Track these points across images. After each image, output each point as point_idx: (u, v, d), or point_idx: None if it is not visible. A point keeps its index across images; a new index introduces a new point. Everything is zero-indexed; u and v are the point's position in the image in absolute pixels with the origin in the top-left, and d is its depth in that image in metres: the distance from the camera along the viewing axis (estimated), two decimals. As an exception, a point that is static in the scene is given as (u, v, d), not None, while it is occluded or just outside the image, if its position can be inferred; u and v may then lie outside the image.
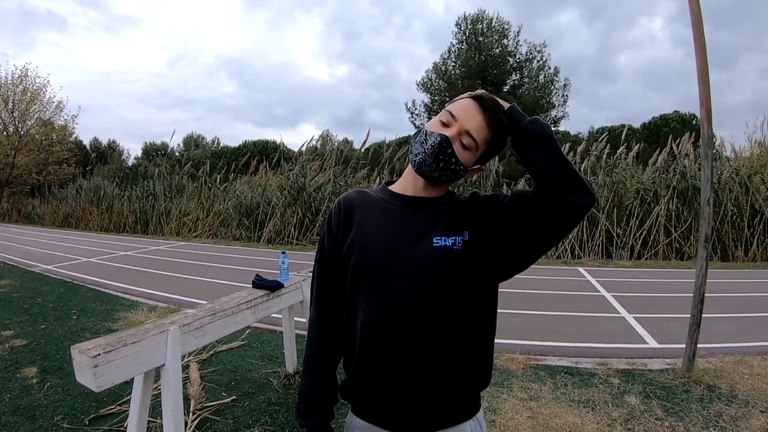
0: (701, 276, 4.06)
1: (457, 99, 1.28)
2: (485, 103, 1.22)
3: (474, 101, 1.22)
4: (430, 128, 1.22)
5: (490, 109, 1.21)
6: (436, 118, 1.25)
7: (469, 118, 1.20)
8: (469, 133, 1.19)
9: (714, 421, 3.27)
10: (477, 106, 1.21)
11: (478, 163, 1.27)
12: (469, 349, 1.23)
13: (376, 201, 1.32)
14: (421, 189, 1.28)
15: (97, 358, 1.96)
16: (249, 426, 3.20)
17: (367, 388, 1.25)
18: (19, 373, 4.03)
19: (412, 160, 1.24)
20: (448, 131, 1.20)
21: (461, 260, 1.20)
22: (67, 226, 22.52)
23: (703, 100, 4.02)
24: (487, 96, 1.24)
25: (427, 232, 1.22)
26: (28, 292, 7.26)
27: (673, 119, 30.28)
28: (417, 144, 1.22)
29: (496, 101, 1.24)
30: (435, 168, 1.20)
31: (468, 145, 1.20)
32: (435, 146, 1.18)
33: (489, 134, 1.22)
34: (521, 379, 4.03)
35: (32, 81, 27.31)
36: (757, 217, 12.04)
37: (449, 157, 1.19)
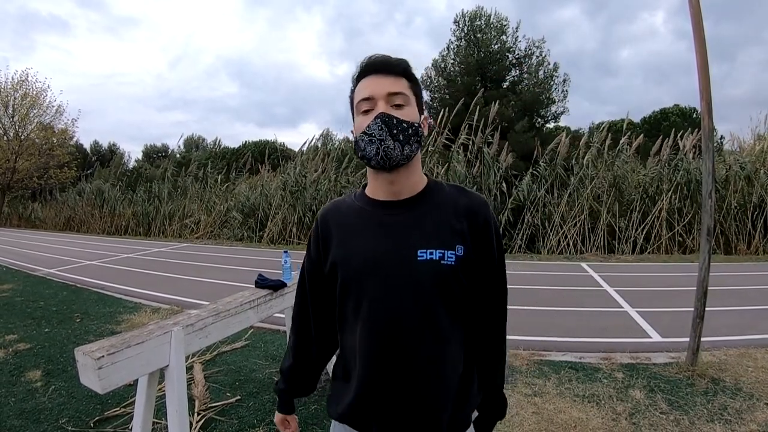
0: (704, 269, 4.06)
1: (353, 89, 1.24)
2: (374, 66, 1.19)
3: (366, 76, 1.20)
4: (362, 126, 1.17)
5: (383, 65, 1.19)
6: (358, 119, 1.20)
7: (379, 85, 1.16)
8: (391, 93, 1.16)
9: (719, 414, 3.27)
10: (374, 75, 1.18)
11: (420, 113, 1.22)
12: (458, 366, 1.23)
13: (353, 211, 1.26)
14: (397, 187, 1.22)
15: (101, 360, 1.96)
16: (254, 426, 3.20)
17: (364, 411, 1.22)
18: (24, 377, 4.03)
19: (377, 162, 1.16)
20: (378, 109, 1.15)
21: (451, 276, 1.17)
22: (68, 229, 22.56)
23: (703, 93, 4.00)
24: (370, 61, 1.20)
25: (409, 243, 1.17)
26: (30, 296, 7.27)
27: (674, 113, 30.20)
28: (367, 146, 1.15)
29: (377, 58, 1.21)
30: (401, 146, 1.14)
31: (401, 102, 1.17)
32: (383, 128, 1.12)
33: (404, 80, 1.19)
34: (525, 374, 4.02)
35: (32, 86, 27.33)
36: (758, 210, 12.03)
37: (399, 124, 1.14)
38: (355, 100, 1.21)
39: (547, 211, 13.30)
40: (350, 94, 1.26)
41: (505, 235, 13.26)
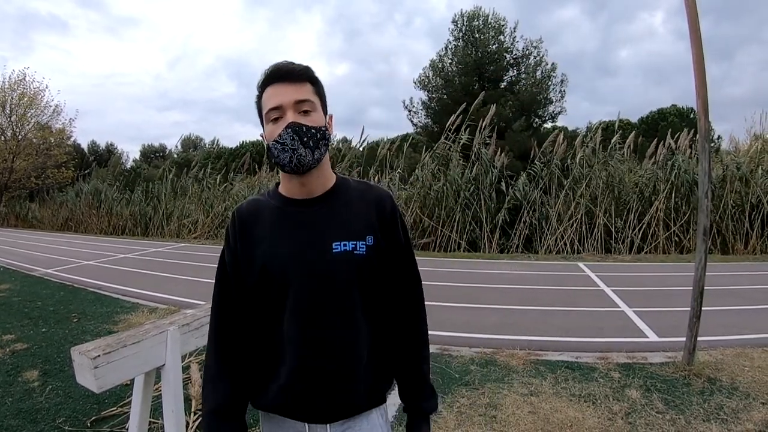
0: (700, 269, 4.07)
1: (260, 97, 1.29)
2: (278, 74, 1.23)
3: (271, 84, 1.24)
4: (274, 134, 1.21)
5: (287, 73, 1.23)
6: (268, 127, 1.25)
7: (285, 93, 1.21)
8: (298, 101, 1.21)
9: (715, 414, 3.28)
10: (279, 84, 1.23)
11: (325, 114, 1.30)
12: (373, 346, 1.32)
13: (270, 210, 1.32)
14: (309, 187, 1.29)
15: (97, 359, 1.96)
16: (251, 425, 3.18)
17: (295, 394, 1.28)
18: (21, 377, 4.03)
19: (290, 169, 1.22)
20: (287, 118, 1.20)
21: (364, 265, 1.27)
22: (66, 229, 22.52)
23: (699, 93, 4.02)
24: (274, 69, 1.24)
25: (324, 237, 1.25)
26: (28, 296, 7.27)
27: (671, 113, 30.29)
28: (280, 153, 1.20)
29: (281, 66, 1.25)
30: (312, 152, 1.20)
31: (308, 109, 1.22)
32: (294, 137, 1.18)
33: (308, 86, 1.25)
34: (522, 374, 4.03)
35: (30, 86, 27.33)
36: (755, 210, 12.06)
37: (308, 131, 1.20)
38: (263, 109, 1.26)
39: (543, 211, 13.33)
40: (257, 100, 1.31)
41: (502, 235, 13.29)
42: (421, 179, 14.17)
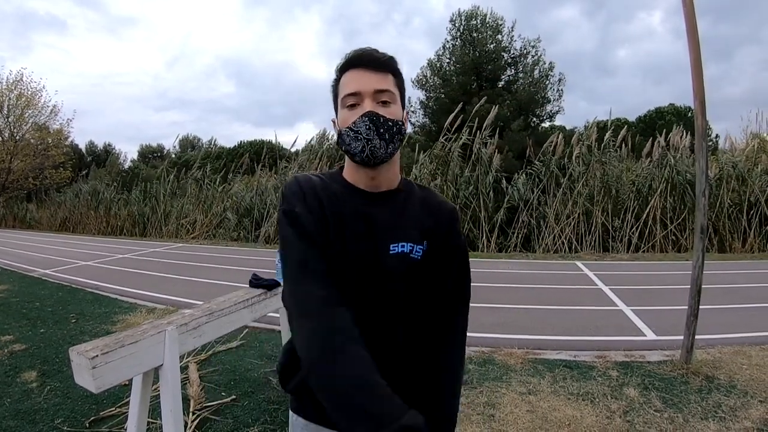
0: (698, 267, 4.08)
1: (337, 80, 1.23)
2: (361, 59, 1.19)
3: (352, 69, 1.20)
4: (348, 121, 1.17)
5: (371, 60, 1.19)
6: (342, 112, 1.20)
7: (366, 80, 1.17)
8: (378, 90, 1.17)
9: (713, 412, 3.28)
10: (361, 69, 1.18)
11: (403, 109, 1.25)
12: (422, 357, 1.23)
13: (334, 195, 1.22)
14: (377, 181, 1.24)
15: (95, 359, 1.96)
16: (249, 425, 3.20)
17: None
18: (19, 378, 4.03)
19: (361, 159, 1.17)
20: (364, 106, 1.16)
21: (417, 270, 1.22)
22: (64, 230, 22.49)
23: (697, 92, 4.02)
24: (357, 54, 1.20)
25: (384, 235, 1.20)
26: (26, 296, 7.26)
27: (669, 112, 30.31)
28: (352, 141, 1.16)
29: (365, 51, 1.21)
30: (386, 144, 1.16)
31: (387, 100, 1.18)
32: (370, 126, 1.14)
33: (390, 77, 1.21)
34: (520, 373, 4.04)
35: (27, 86, 27.31)
36: (753, 209, 12.08)
37: (386, 123, 1.15)
38: (340, 93, 1.22)
39: (541, 210, 13.35)
40: (333, 83, 1.26)
41: (500, 234, 13.30)
42: (419, 179, 14.17)
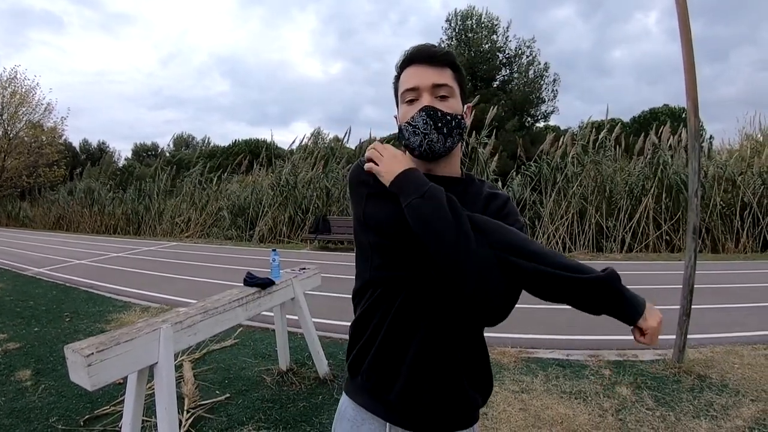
0: (690, 267, 4.11)
1: (397, 77, 1.25)
2: (419, 55, 1.20)
3: (411, 65, 1.21)
4: (407, 116, 1.18)
5: (428, 55, 1.19)
6: (402, 108, 1.22)
7: (425, 76, 1.18)
8: (436, 85, 1.17)
9: (705, 411, 3.31)
10: (419, 65, 1.19)
11: (463, 103, 1.25)
12: (476, 355, 1.23)
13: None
14: (437, 167, 1.24)
15: (91, 357, 1.98)
16: (243, 423, 3.21)
17: (380, 365, 1.18)
18: (13, 376, 4.02)
19: (419, 153, 1.19)
20: (422, 101, 1.17)
21: None
22: (58, 228, 22.43)
23: (690, 93, 4.05)
24: (415, 50, 1.21)
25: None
26: (20, 295, 7.24)
27: (663, 112, 30.41)
28: (411, 136, 1.17)
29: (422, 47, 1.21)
30: (444, 138, 1.17)
31: (446, 94, 1.18)
32: (428, 121, 1.15)
33: (449, 71, 1.20)
34: (513, 371, 4.06)
35: (21, 83, 27.20)
36: (746, 209, 12.15)
37: (443, 117, 1.16)
38: (399, 89, 1.23)
39: (536, 210, 13.40)
40: (394, 81, 1.28)
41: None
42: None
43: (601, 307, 1.06)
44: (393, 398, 1.16)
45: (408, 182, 1.11)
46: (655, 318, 1.09)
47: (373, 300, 1.19)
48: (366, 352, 1.20)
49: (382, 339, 1.16)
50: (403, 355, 1.15)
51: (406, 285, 1.14)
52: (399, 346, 1.15)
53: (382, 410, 1.19)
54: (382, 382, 1.17)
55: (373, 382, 1.19)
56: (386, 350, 1.17)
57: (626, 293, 1.06)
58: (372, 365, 1.18)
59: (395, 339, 1.16)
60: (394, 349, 1.16)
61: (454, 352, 1.16)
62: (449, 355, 1.16)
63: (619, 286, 1.05)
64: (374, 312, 1.18)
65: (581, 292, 1.04)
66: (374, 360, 1.18)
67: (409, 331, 1.15)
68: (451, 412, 1.19)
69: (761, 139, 14.84)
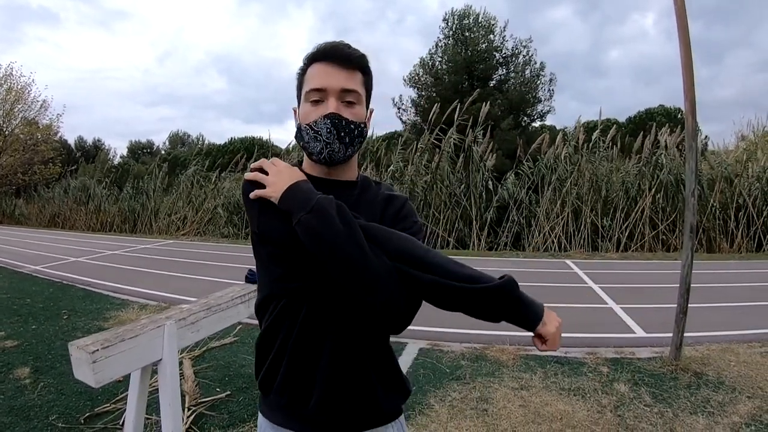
0: (687, 266, 4.14)
1: (304, 70, 1.19)
2: (331, 53, 1.15)
3: (321, 62, 1.15)
4: (309, 117, 1.14)
5: (341, 56, 1.14)
6: (305, 106, 1.17)
7: (333, 77, 1.13)
8: (344, 90, 1.13)
9: (702, 407, 3.34)
10: (330, 64, 1.14)
11: (367, 108, 1.22)
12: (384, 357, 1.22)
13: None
14: (334, 177, 1.22)
15: (96, 353, 1.98)
16: (244, 420, 3.22)
17: (293, 379, 1.16)
18: (12, 374, 4.01)
19: (318, 158, 1.16)
20: (328, 106, 1.12)
21: None
22: (53, 226, 22.34)
23: (687, 93, 4.08)
24: (328, 47, 1.16)
25: None
26: (16, 293, 7.21)
27: (659, 113, 30.46)
28: (311, 141, 1.14)
29: (336, 45, 1.16)
30: (345, 148, 1.14)
31: (353, 100, 1.15)
32: (332, 130, 1.11)
33: (359, 75, 1.17)
34: (512, 369, 4.08)
35: (17, 80, 27.06)
36: (741, 210, 12.22)
37: (348, 127, 1.13)
38: (305, 85, 1.17)
39: (531, 209, 13.44)
40: (299, 72, 1.21)
41: (490, 232, 13.37)
42: (410, 177, 14.19)
43: (500, 314, 1.05)
44: (310, 411, 1.14)
45: (295, 198, 1.07)
46: (553, 323, 1.07)
47: (277, 313, 1.15)
48: (276, 368, 1.17)
49: (291, 353, 1.14)
50: (314, 367, 1.13)
51: (308, 296, 1.12)
52: (310, 359, 1.13)
53: (298, 425, 1.17)
54: (297, 396, 1.15)
55: (288, 398, 1.16)
56: (297, 364, 1.14)
57: (524, 300, 1.06)
58: (285, 381, 1.16)
59: (305, 351, 1.13)
60: (305, 362, 1.13)
61: (364, 358, 1.16)
62: (360, 361, 1.15)
63: (517, 293, 1.04)
64: (280, 325, 1.15)
65: (479, 301, 1.03)
66: (286, 376, 1.15)
67: (318, 342, 1.12)
68: (367, 414, 1.18)
69: (755, 139, 14.93)
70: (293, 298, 1.13)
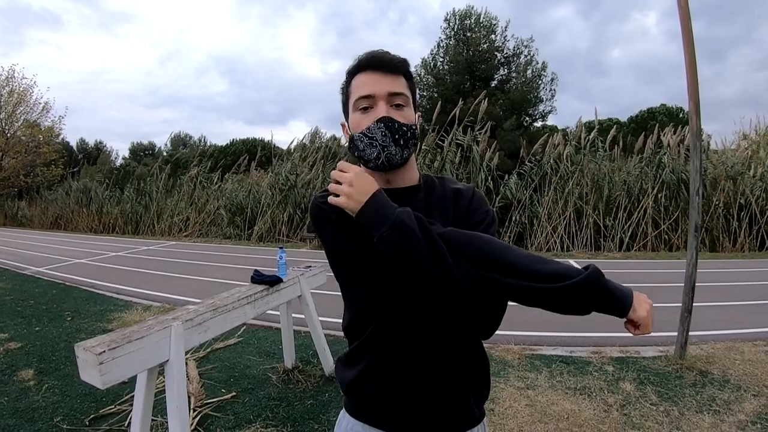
0: (692, 265, 4.13)
1: (348, 83, 1.21)
2: (374, 62, 1.16)
3: (364, 71, 1.17)
4: (361, 126, 1.15)
5: (385, 62, 1.16)
6: (355, 116, 1.17)
7: (379, 83, 1.14)
8: (392, 93, 1.14)
9: (708, 405, 3.33)
10: (373, 72, 1.15)
11: (415, 111, 1.23)
12: (477, 361, 1.22)
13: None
14: (394, 184, 1.21)
15: (102, 355, 1.98)
16: (250, 421, 3.22)
17: (389, 389, 1.16)
18: (16, 376, 4.01)
19: (376, 166, 1.15)
20: (378, 110, 1.13)
21: None
22: (56, 228, 22.39)
23: (691, 93, 4.07)
24: (370, 56, 1.18)
25: None
26: (20, 294, 7.22)
27: (660, 112, 30.49)
28: (366, 148, 1.14)
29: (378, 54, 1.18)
30: (401, 150, 1.14)
31: (401, 103, 1.16)
32: (386, 133, 1.12)
33: (403, 79, 1.18)
34: (517, 368, 4.07)
35: (19, 82, 27.11)
36: (744, 210, 12.20)
37: (401, 128, 1.13)
38: (352, 96, 1.18)
39: (534, 210, 13.43)
40: (344, 86, 1.23)
41: (494, 232, 13.36)
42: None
43: (588, 307, 1.03)
44: (406, 418, 1.15)
45: (375, 213, 1.05)
46: (644, 307, 1.05)
47: (370, 331, 1.15)
48: (369, 378, 1.17)
49: (386, 366, 1.14)
50: (410, 377, 1.14)
51: (398, 311, 1.12)
52: (405, 370, 1.13)
53: (393, 427, 1.18)
54: (393, 407, 1.15)
55: (383, 407, 1.17)
56: (393, 375, 1.14)
57: (612, 289, 1.04)
58: (379, 393, 1.16)
59: (399, 364, 1.13)
60: (401, 373, 1.14)
61: (458, 365, 1.16)
62: (454, 369, 1.15)
63: (604, 283, 1.03)
64: (373, 342, 1.15)
65: (565, 299, 1.01)
66: (380, 385, 1.15)
67: (411, 355, 1.13)
68: (460, 419, 1.19)
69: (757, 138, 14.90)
70: (383, 315, 1.13)
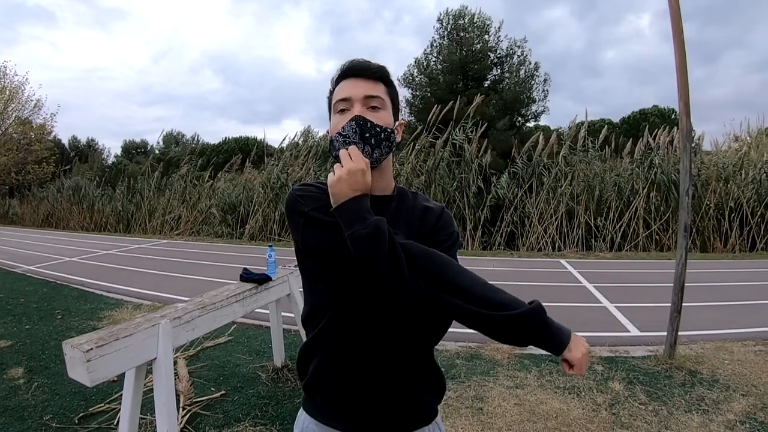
0: (681, 265, 4.16)
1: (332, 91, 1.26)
2: (353, 69, 1.22)
3: (346, 78, 1.22)
4: (338, 126, 1.19)
5: (362, 69, 1.21)
6: (334, 118, 1.22)
7: (357, 87, 1.19)
8: (369, 96, 1.19)
9: (696, 405, 3.36)
10: (353, 78, 1.21)
11: (395, 119, 1.26)
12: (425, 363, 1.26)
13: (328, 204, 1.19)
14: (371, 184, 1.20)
15: (90, 352, 1.97)
16: (239, 420, 3.21)
17: (340, 385, 1.20)
18: (6, 374, 3.99)
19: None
20: (354, 111, 1.18)
21: None
22: (47, 226, 22.22)
23: (682, 93, 4.10)
24: (350, 64, 1.23)
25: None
26: (10, 292, 7.17)
27: (653, 113, 30.64)
28: (340, 146, 1.16)
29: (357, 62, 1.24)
30: (372, 149, 1.16)
31: (377, 105, 1.20)
32: (357, 130, 1.15)
33: (381, 85, 1.22)
34: (507, 367, 4.09)
35: (10, 79, 26.91)
36: (735, 211, 12.28)
37: (373, 128, 1.16)
38: (333, 101, 1.24)
39: (526, 209, 13.47)
40: (329, 95, 1.28)
41: (484, 232, 13.39)
42: (406, 177, 14.19)
43: (526, 340, 1.07)
44: (356, 414, 1.19)
45: (355, 211, 1.09)
46: (579, 349, 1.10)
47: (323, 325, 1.19)
48: (323, 374, 1.21)
49: (337, 361, 1.18)
50: (360, 374, 1.18)
51: (352, 309, 1.16)
52: (355, 366, 1.18)
53: (344, 424, 1.22)
54: (344, 400, 1.19)
55: (335, 401, 1.21)
56: (343, 371, 1.18)
57: (551, 326, 1.08)
58: (332, 386, 1.20)
59: (350, 360, 1.18)
60: (351, 369, 1.18)
61: (406, 364, 1.20)
62: (402, 368, 1.19)
63: (544, 319, 1.07)
64: (326, 336, 1.20)
65: (504, 328, 1.06)
66: (333, 382, 1.19)
67: (362, 352, 1.17)
68: (409, 417, 1.23)
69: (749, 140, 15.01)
70: (338, 311, 1.18)
